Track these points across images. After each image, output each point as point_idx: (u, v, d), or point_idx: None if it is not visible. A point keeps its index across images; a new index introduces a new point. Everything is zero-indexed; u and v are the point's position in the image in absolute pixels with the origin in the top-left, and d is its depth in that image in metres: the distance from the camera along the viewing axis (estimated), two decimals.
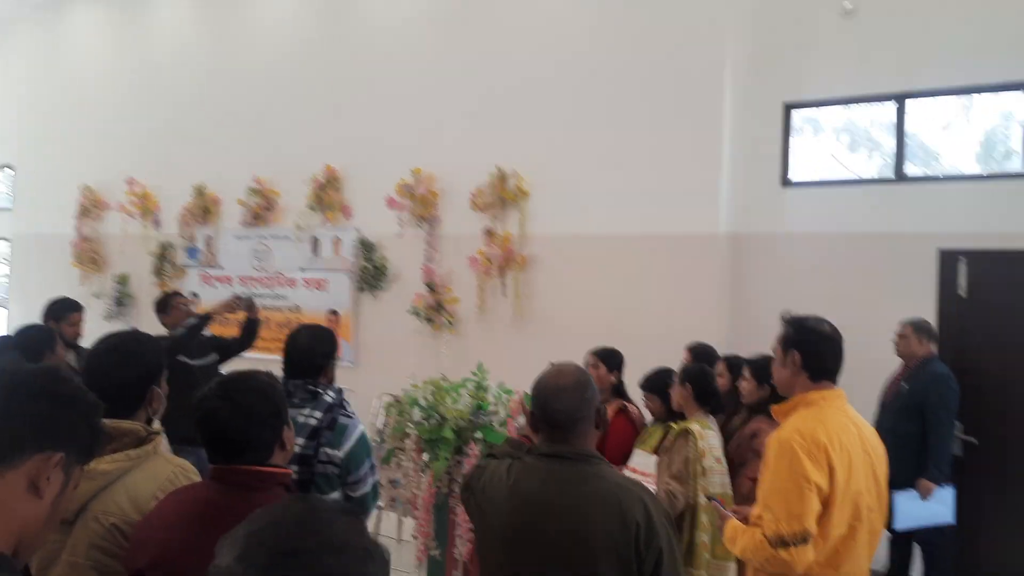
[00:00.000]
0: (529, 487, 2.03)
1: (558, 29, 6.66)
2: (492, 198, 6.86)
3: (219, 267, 8.44)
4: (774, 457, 2.32)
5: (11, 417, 1.20)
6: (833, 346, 2.51)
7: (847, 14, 5.79)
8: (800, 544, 2.23)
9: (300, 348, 2.79)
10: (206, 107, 8.53)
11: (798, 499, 2.25)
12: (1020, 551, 5.12)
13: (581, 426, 2.05)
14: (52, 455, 1.20)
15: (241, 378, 1.90)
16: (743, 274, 6.11)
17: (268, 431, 1.84)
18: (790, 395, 2.53)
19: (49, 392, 1.24)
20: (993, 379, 5.21)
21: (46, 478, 1.19)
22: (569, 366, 2.16)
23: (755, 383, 3.81)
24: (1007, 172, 5.43)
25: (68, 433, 1.24)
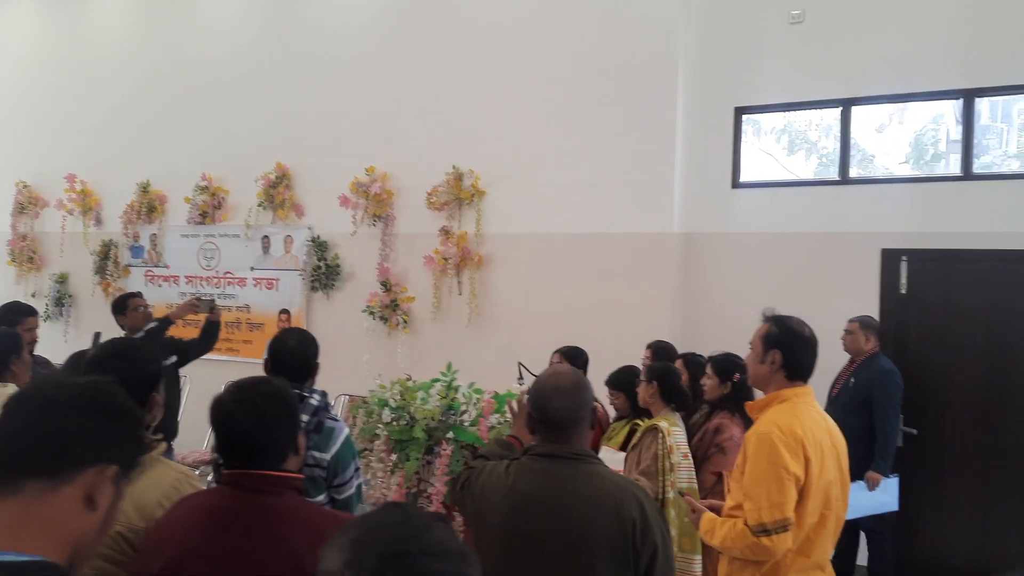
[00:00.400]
0: (527, 487, 2.09)
1: (515, 29, 6.71)
2: (448, 197, 6.89)
3: (165, 266, 8.27)
4: (753, 450, 2.44)
5: (67, 432, 1.20)
6: (811, 348, 2.64)
7: (795, 22, 5.99)
8: (781, 532, 2.35)
9: (289, 351, 2.79)
10: (151, 102, 8.33)
11: (778, 489, 2.37)
12: (957, 538, 5.39)
13: (578, 426, 2.12)
14: (107, 468, 1.21)
15: (257, 382, 1.91)
16: (695, 272, 6.27)
17: (284, 435, 1.85)
18: (763, 391, 2.65)
19: (103, 405, 1.24)
20: (932, 372, 5.47)
21: (101, 492, 1.20)
22: (565, 367, 2.23)
23: (717, 380, 3.94)
24: (946, 175, 5.69)
25: (120, 446, 1.25)
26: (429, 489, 3.84)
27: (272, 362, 2.77)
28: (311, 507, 1.94)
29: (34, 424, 1.19)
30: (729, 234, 6.19)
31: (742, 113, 6.24)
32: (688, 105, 6.23)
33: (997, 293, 5.35)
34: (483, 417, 3.80)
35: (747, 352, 2.74)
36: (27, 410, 1.22)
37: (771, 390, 2.62)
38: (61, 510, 1.17)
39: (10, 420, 1.22)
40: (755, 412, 2.64)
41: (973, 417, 5.38)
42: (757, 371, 2.65)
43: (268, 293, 7.79)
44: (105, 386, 1.27)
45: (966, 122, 5.55)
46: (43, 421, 1.20)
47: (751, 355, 2.69)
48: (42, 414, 1.20)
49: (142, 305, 5.15)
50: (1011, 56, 5.38)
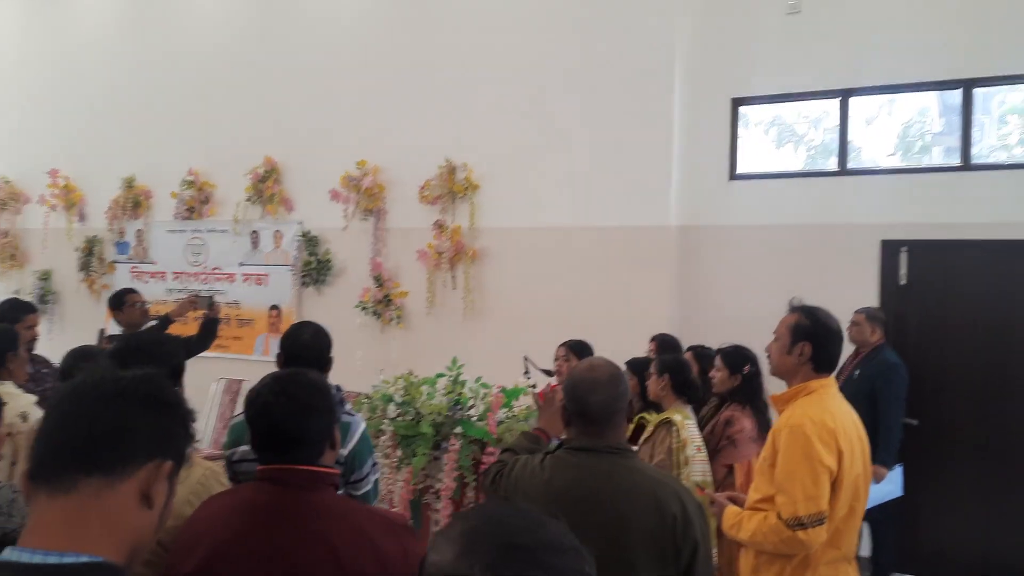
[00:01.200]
0: (564, 481, 2.03)
1: (509, 20, 6.64)
2: (441, 191, 6.80)
3: (151, 262, 8.12)
4: (786, 443, 2.39)
5: (124, 427, 1.14)
6: (839, 341, 2.60)
7: (792, 12, 5.96)
8: (817, 525, 2.31)
9: (305, 344, 2.71)
10: (135, 95, 8.17)
11: (813, 482, 2.33)
12: (958, 526, 5.39)
13: (615, 419, 2.06)
14: (162, 463, 1.16)
15: (295, 373, 1.86)
16: (693, 265, 6.23)
17: (323, 427, 1.79)
18: (787, 381, 2.60)
19: (156, 399, 1.18)
20: (932, 362, 5.47)
21: (157, 488, 1.15)
22: (600, 360, 2.17)
23: (727, 372, 3.90)
24: (945, 165, 5.69)
25: (174, 440, 1.19)
26: (437, 485, 3.78)
27: (286, 356, 2.69)
28: (349, 503, 1.88)
29: (90, 419, 1.13)
30: (727, 226, 6.16)
31: (739, 104, 6.21)
32: (685, 97, 6.19)
33: (996, 282, 5.36)
34: (491, 412, 3.73)
35: (769, 342, 2.67)
36: (82, 405, 1.15)
37: (796, 381, 2.57)
38: (119, 508, 1.12)
39: (64, 415, 1.16)
40: (781, 404, 2.59)
41: (973, 406, 5.39)
42: (784, 362, 2.60)
43: (258, 289, 7.67)
44: (158, 379, 1.22)
45: (965, 112, 5.54)
46: (99, 416, 1.14)
47: (777, 345, 2.62)
48: (97, 408, 1.14)
49: (139, 301, 5.03)
50: (1008, 46, 5.38)
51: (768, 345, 2.68)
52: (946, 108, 5.97)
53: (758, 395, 3.90)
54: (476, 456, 3.69)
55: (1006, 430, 5.31)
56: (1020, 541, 5.25)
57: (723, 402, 3.95)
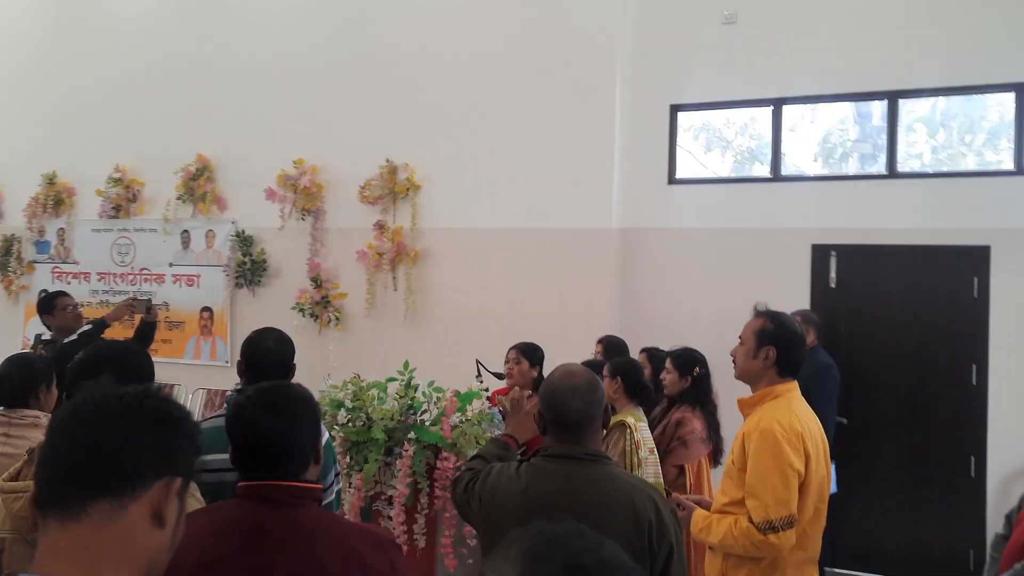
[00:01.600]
0: (542, 488, 2.04)
1: (453, 21, 6.62)
2: (382, 191, 6.74)
3: (74, 262, 7.81)
4: (757, 447, 2.45)
5: (131, 447, 1.10)
6: (803, 345, 2.67)
7: (727, 22, 6.12)
8: (787, 528, 2.38)
9: (268, 350, 2.65)
10: (58, 89, 7.84)
11: (784, 486, 2.40)
12: (886, 521, 5.62)
13: (592, 425, 2.08)
14: (172, 482, 1.13)
15: (279, 385, 1.82)
16: (633, 267, 6.33)
17: (308, 441, 1.75)
18: (751, 386, 2.67)
19: (161, 415, 1.15)
20: (860, 362, 5.70)
21: (168, 507, 1.12)
22: (577, 366, 2.19)
23: (677, 374, 3.98)
24: (872, 173, 5.93)
25: (183, 457, 1.16)
26: (389, 492, 3.75)
27: (247, 364, 2.62)
28: (335, 519, 1.85)
29: (95, 441, 1.10)
30: (666, 229, 6.28)
31: (677, 111, 6.34)
32: (625, 102, 6.28)
33: (921, 286, 5.62)
34: (445, 416, 3.72)
35: (735, 346, 2.74)
36: (85, 426, 1.11)
37: (762, 386, 2.63)
38: (130, 530, 1.09)
39: (68, 439, 1.12)
40: (747, 408, 2.66)
41: (900, 404, 5.64)
42: (749, 366, 2.65)
43: (189, 290, 7.46)
44: (162, 395, 1.18)
45: (890, 123, 5.79)
46: (103, 438, 1.10)
47: (742, 349, 2.68)
48: (102, 429, 1.11)
49: (71, 304, 4.84)
50: (932, 60, 5.64)
51: (733, 349, 2.74)
52: (861, 117, 6.26)
53: (708, 396, 4.00)
54: (430, 462, 3.68)
55: (930, 428, 5.57)
56: (945, 534, 5.52)
57: (672, 403, 4.03)
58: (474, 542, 3.52)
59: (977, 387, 5.47)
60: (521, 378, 4.29)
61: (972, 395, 5.48)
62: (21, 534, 1.63)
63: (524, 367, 4.29)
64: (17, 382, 2.88)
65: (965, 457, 5.53)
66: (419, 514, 3.68)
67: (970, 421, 5.48)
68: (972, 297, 5.48)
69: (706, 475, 3.93)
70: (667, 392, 4.04)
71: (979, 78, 5.59)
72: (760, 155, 6.46)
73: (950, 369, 5.55)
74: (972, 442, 5.48)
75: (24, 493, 1.61)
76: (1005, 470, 5.36)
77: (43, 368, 3.00)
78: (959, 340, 5.53)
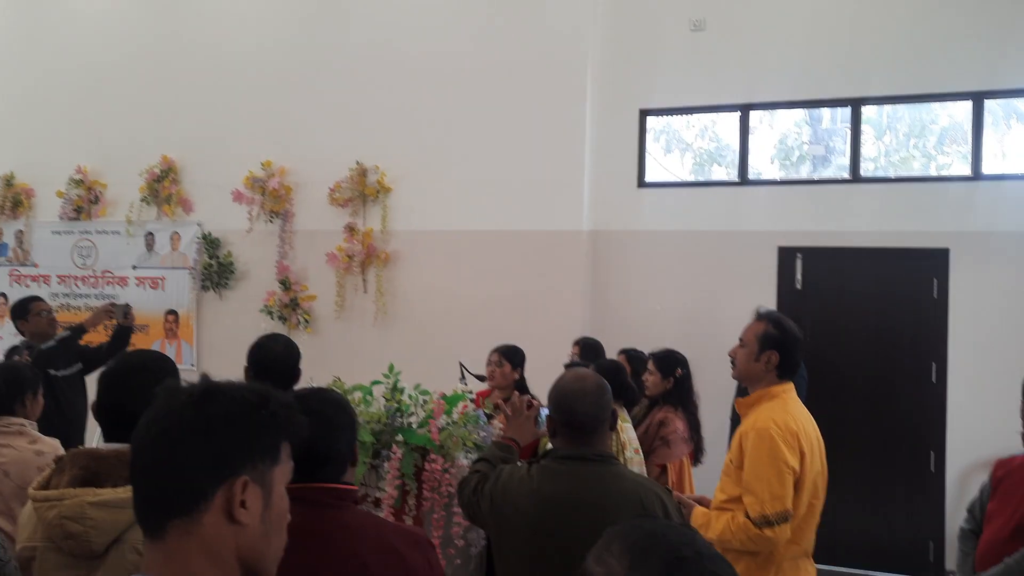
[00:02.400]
0: (554, 489, 2.09)
1: (423, 24, 6.63)
2: (352, 193, 6.73)
3: (33, 264, 7.64)
4: (753, 445, 2.53)
5: (184, 466, 1.13)
6: (802, 349, 2.75)
7: (696, 29, 6.24)
8: (783, 522, 2.47)
9: (277, 356, 2.66)
10: (17, 87, 7.66)
11: (779, 482, 2.48)
12: (847, 517, 5.77)
13: (601, 428, 2.14)
14: (235, 481, 1.13)
15: (318, 390, 1.85)
16: (604, 269, 6.42)
17: (346, 444, 1.79)
18: (750, 387, 2.75)
19: (207, 422, 1.15)
20: (825, 362, 5.85)
21: (239, 504, 1.13)
22: (585, 370, 2.24)
23: (660, 375, 4.06)
24: (836, 178, 6.10)
25: (241, 450, 1.16)
26: (377, 494, 3.75)
27: (255, 369, 2.63)
28: (374, 519, 1.89)
29: (154, 468, 1.15)
30: (636, 232, 6.38)
31: (647, 115, 6.44)
32: (595, 106, 6.37)
33: (884, 287, 5.80)
34: (432, 419, 3.74)
35: (734, 346, 2.79)
36: (144, 453, 1.16)
37: (760, 387, 2.71)
38: (210, 537, 1.12)
39: (137, 466, 1.16)
40: (744, 408, 2.73)
41: (863, 402, 5.81)
42: (750, 368, 2.71)
43: (153, 293, 7.35)
44: (203, 395, 1.18)
45: (854, 128, 5.97)
46: (161, 464, 1.14)
47: (744, 352, 2.74)
48: (158, 454, 1.14)
49: (45, 309, 4.75)
50: (892, 68, 5.83)
51: (733, 350, 2.80)
52: (812, 120, 6.44)
53: (689, 397, 4.09)
54: (418, 464, 3.70)
55: (892, 424, 5.75)
56: (906, 527, 5.71)
57: (654, 404, 4.11)
58: (462, 543, 3.55)
59: (937, 385, 5.67)
60: (503, 380, 4.34)
61: (932, 392, 5.68)
62: (54, 542, 1.62)
63: (506, 369, 4.34)
64: (3, 390, 2.84)
65: (925, 452, 5.72)
66: (407, 516, 3.70)
67: (930, 417, 5.68)
68: (932, 298, 5.68)
69: (687, 474, 4.02)
70: (649, 393, 4.11)
71: (937, 86, 5.79)
72: (719, 157, 6.61)
73: (911, 367, 5.75)
74: (932, 438, 5.68)
75: (57, 502, 1.60)
76: (963, 465, 5.56)
77: (30, 376, 2.97)
78: (920, 339, 5.73)
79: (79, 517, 1.62)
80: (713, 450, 4.27)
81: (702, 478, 4.25)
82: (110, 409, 1.80)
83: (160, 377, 1.80)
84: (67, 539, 1.61)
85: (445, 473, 3.54)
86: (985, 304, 5.58)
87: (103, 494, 1.65)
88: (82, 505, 1.62)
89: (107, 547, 1.65)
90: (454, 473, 3.51)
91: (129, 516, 1.65)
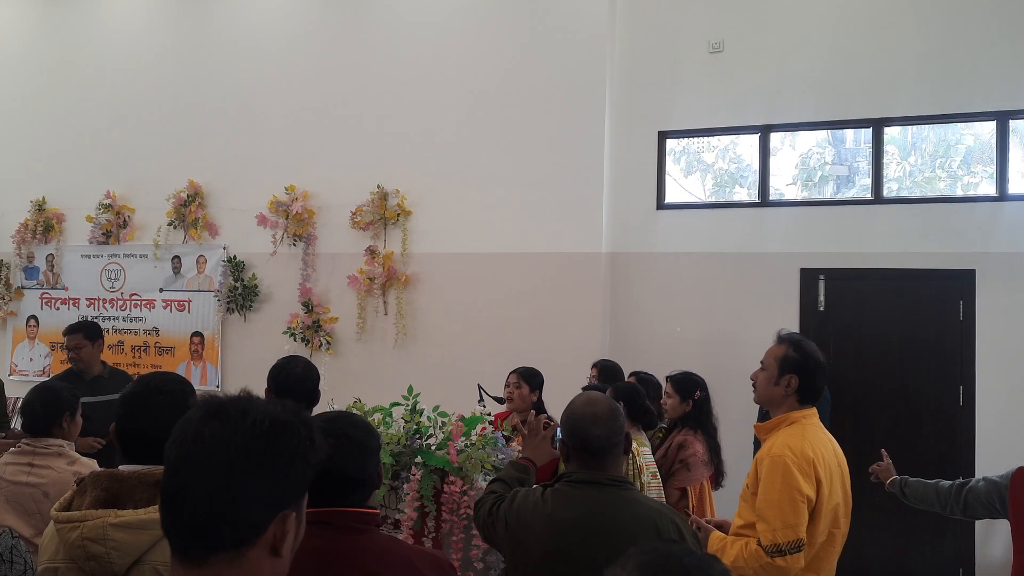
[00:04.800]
0: (568, 514, 2.09)
1: (444, 50, 6.71)
2: (373, 216, 6.80)
3: (63, 288, 7.77)
4: (767, 472, 2.50)
5: (246, 498, 1.10)
6: (824, 374, 2.71)
7: (715, 51, 6.26)
8: (795, 552, 2.43)
9: (298, 378, 2.70)
10: (49, 115, 7.82)
11: (792, 510, 2.44)
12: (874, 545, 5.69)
13: (615, 452, 2.14)
14: (287, 516, 1.13)
15: (345, 414, 1.86)
16: (622, 292, 6.42)
17: (373, 468, 1.81)
18: (771, 411, 2.72)
19: (279, 454, 1.12)
20: (850, 385, 5.80)
21: (284, 537, 1.13)
22: (597, 394, 2.25)
23: (678, 398, 4.04)
24: (859, 199, 6.07)
25: (292, 483, 1.15)
26: (397, 516, 3.76)
27: (276, 391, 2.67)
28: (399, 543, 1.90)
29: (213, 497, 1.10)
30: (655, 254, 6.38)
31: (666, 138, 6.46)
32: (614, 128, 6.40)
33: (909, 309, 5.75)
34: (451, 440, 3.75)
35: (756, 370, 2.76)
36: (199, 479, 1.11)
37: (780, 412, 2.67)
38: (250, 569, 1.11)
39: (180, 490, 1.12)
40: (763, 433, 2.70)
41: (890, 428, 5.74)
42: (770, 392, 2.68)
43: (179, 316, 7.44)
44: (277, 435, 1.14)
45: (876, 148, 5.94)
46: (222, 493, 1.10)
47: (764, 375, 2.71)
48: (220, 483, 1.10)
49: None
50: (915, 88, 5.81)
51: (754, 373, 2.76)
52: (835, 140, 6.41)
53: (708, 420, 4.06)
54: (437, 485, 3.70)
55: (919, 448, 5.66)
56: (934, 555, 5.61)
57: (673, 427, 4.09)
58: (481, 565, 3.54)
59: (964, 408, 5.59)
60: (521, 402, 4.35)
61: (960, 416, 5.59)
62: (76, 563, 1.65)
63: (524, 391, 4.34)
64: (41, 411, 2.89)
65: (953, 478, 5.59)
66: (426, 538, 3.70)
67: (958, 442, 5.60)
68: (958, 320, 5.61)
69: (708, 497, 3.98)
70: (668, 416, 4.10)
71: (961, 106, 5.76)
72: (740, 178, 6.60)
73: (938, 391, 5.67)
74: (960, 462, 5.58)
75: (79, 523, 1.63)
76: None
77: (68, 397, 3.02)
78: (946, 362, 5.66)
79: (101, 538, 1.64)
80: (735, 474, 4.23)
81: (724, 502, 4.22)
82: (130, 432, 1.82)
83: (180, 399, 1.83)
84: (89, 560, 1.63)
85: (464, 495, 3.54)
86: (1013, 325, 5.51)
87: (124, 515, 1.67)
88: (104, 526, 1.65)
89: (128, 568, 1.67)
90: (472, 495, 3.51)
91: (150, 537, 1.68)
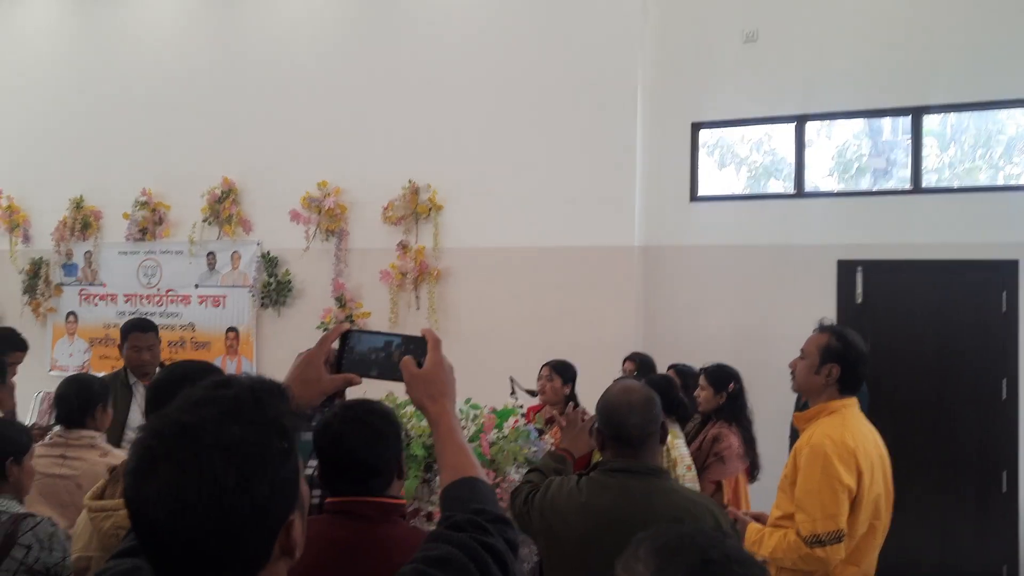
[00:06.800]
0: (603, 502, 2.07)
1: (475, 42, 6.70)
2: (405, 211, 6.80)
3: (101, 284, 7.89)
4: (807, 462, 2.45)
5: (269, 505, 0.98)
6: (867, 364, 2.65)
7: (748, 40, 6.17)
8: (835, 542, 2.38)
9: None
10: (83, 112, 7.94)
11: (832, 500, 2.40)
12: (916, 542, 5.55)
13: (650, 441, 2.11)
14: (291, 520, 1.04)
15: (364, 402, 1.85)
16: (655, 284, 6.36)
17: (393, 456, 1.79)
18: (810, 400, 2.67)
19: (291, 450, 1.02)
20: (889, 378, 5.68)
21: (291, 541, 1.05)
22: (633, 382, 2.22)
23: (712, 390, 3.99)
24: (897, 189, 5.95)
25: (289, 490, 1.02)
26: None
27: None
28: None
29: (219, 532, 0.96)
30: (689, 246, 6.31)
31: (699, 128, 6.39)
32: (647, 120, 6.34)
33: (949, 301, 5.62)
34: (483, 433, 3.74)
35: (794, 358, 2.71)
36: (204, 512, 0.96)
37: (820, 401, 2.62)
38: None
39: (170, 514, 0.97)
40: (802, 423, 2.65)
41: (929, 420, 5.62)
42: (810, 381, 2.63)
43: (214, 311, 7.52)
44: (293, 429, 1.04)
45: (915, 138, 5.82)
46: (233, 522, 0.97)
47: (804, 364, 2.66)
48: (208, 517, 0.96)
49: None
50: (954, 75, 5.68)
51: (793, 361, 2.71)
52: (872, 131, 6.28)
53: (743, 412, 4.01)
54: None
55: (961, 443, 5.54)
56: (978, 550, 5.48)
57: (707, 419, 4.04)
58: None
59: (1007, 401, 5.45)
60: (554, 395, 4.32)
61: (1002, 410, 5.46)
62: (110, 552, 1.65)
63: (556, 384, 4.32)
64: (75, 403, 2.93)
65: (997, 472, 5.50)
66: None
67: (1001, 436, 5.46)
68: (1001, 311, 5.47)
69: (743, 491, 3.93)
70: (702, 408, 4.05)
71: (1000, 93, 5.62)
72: (775, 171, 6.50)
73: (979, 384, 5.54)
74: (1003, 457, 5.46)
75: (113, 511, 1.63)
76: None
77: (99, 389, 3.05)
78: (988, 354, 5.52)
79: None
80: (770, 467, 4.17)
81: (760, 494, 4.16)
82: None
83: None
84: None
85: (496, 487, 3.53)
86: None
87: None
88: None
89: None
90: (505, 488, 3.49)
91: None
